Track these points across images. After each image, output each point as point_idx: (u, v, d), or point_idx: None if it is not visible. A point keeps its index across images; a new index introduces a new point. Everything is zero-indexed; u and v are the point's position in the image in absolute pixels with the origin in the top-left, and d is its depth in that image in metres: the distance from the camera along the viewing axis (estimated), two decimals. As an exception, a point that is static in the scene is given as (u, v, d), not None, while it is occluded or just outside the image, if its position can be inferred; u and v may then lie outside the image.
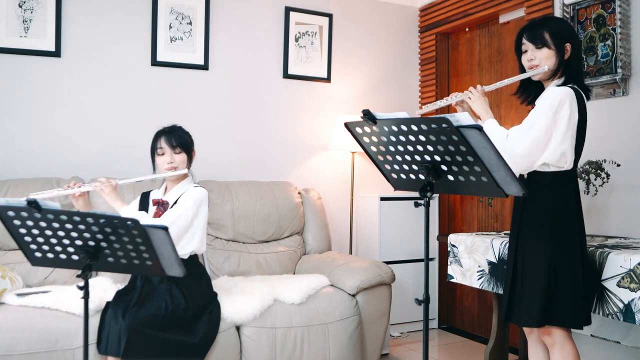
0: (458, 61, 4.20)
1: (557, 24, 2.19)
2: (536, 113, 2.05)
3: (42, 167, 3.20)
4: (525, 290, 2.09)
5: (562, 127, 2.02)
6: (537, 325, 2.06)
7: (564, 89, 2.05)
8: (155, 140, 2.58)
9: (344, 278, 2.98)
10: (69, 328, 2.35)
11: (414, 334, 3.92)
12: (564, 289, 2.04)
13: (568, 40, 2.12)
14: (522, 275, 2.11)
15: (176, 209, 2.47)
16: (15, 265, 2.77)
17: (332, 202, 4.00)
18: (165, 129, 2.60)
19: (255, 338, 2.64)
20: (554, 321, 2.05)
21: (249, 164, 3.76)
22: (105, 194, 2.42)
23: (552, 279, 2.03)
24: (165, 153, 2.54)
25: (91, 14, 3.35)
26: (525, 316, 2.09)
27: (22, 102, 3.19)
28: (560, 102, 2.01)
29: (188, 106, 3.59)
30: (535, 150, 2.02)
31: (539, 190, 2.08)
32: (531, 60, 2.14)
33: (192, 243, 2.50)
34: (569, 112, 2.02)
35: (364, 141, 1.91)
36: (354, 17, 4.14)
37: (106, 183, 2.43)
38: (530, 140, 2.02)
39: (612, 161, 2.83)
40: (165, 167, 2.54)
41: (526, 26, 2.19)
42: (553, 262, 2.04)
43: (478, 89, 2.21)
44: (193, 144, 2.64)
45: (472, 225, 4.05)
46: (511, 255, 2.18)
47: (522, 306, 2.09)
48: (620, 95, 2.96)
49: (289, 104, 3.91)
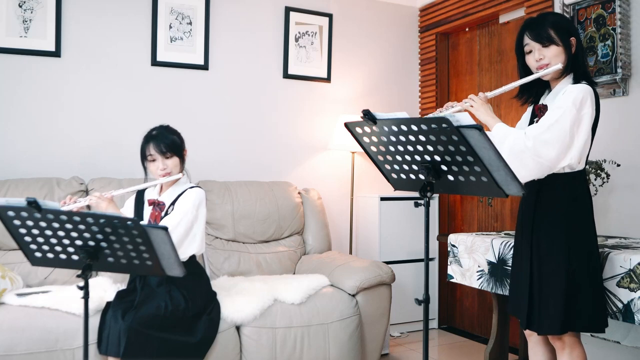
0: (458, 61, 4.20)
1: (559, 18, 2.12)
2: (559, 111, 1.94)
3: (42, 167, 3.20)
4: (544, 297, 2.00)
5: (586, 126, 1.95)
6: (561, 332, 1.98)
7: (584, 86, 1.97)
8: (143, 146, 2.52)
9: (344, 278, 2.98)
10: (69, 328, 2.35)
11: (414, 334, 3.92)
12: (585, 292, 1.97)
13: (572, 33, 2.06)
14: (539, 280, 2.02)
15: (176, 214, 2.45)
16: (15, 265, 2.77)
17: (332, 202, 4.00)
18: (152, 133, 2.52)
19: (255, 338, 2.64)
20: (577, 327, 1.98)
21: (249, 164, 3.76)
22: (102, 208, 2.37)
23: (572, 284, 1.96)
24: (156, 159, 2.49)
25: (91, 13, 3.35)
26: (548, 325, 1.99)
27: (22, 102, 3.19)
28: (583, 99, 1.94)
29: (188, 106, 3.59)
30: (562, 149, 1.92)
31: (551, 192, 2.02)
32: (540, 60, 2.04)
33: (192, 246, 2.49)
34: (590, 110, 1.95)
35: (364, 141, 1.91)
36: (353, 17, 4.14)
37: (101, 198, 2.37)
38: (556, 139, 1.91)
39: (612, 161, 2.83)
40: (158, 174, 2.50)
41: (526, 25, 2.09)
42: (572, 265, 1.97)
43: (480, 96, 2.08)
44: (183, 143, 2.58)
45: (472, 225, 4.05)
46: (524, 260, 2.09)
47: (542, 313, 2.00)
48: (620, 95, 2.96)
49: (289, 104, 3.91)
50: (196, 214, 2.49)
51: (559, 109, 1.95)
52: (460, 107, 2.07)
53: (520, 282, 2.12)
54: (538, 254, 2.04)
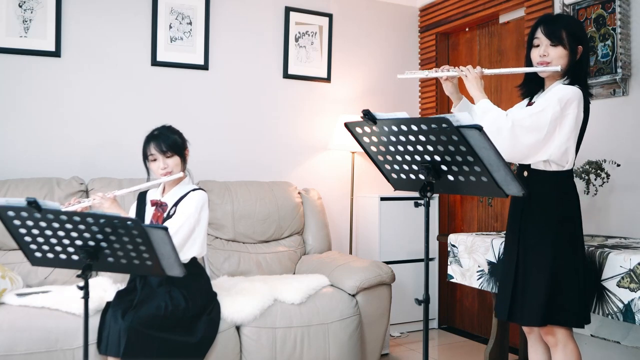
0: (458, 61, 4.20)
1: (575, 24, 2.16)
2: (543, 104, 2.00)
3: (42, 167, 3.20)
4: (528, 290, 2.07)
5: (569, 125, 1.99)
6: (541, 324, 2.04)
7: (574, 88, 2.02)
8: (145, 146, 2.53)
9: (344, 278, 2.98)
10: (69, 328, 2.35)
11: (414, 334, 3.92)
12: (569, 288, 2.03)
13: (581, 42, 2.10)
14: (524, 274, 2.09)
15: (178, 217, 2.45)
16: (15, 265, 2.77)
17: (332, 202, 4.00)
18: (154, 133, 2.54)
19: (255, 338, 2.64)
20: (558, 321, 2.03)
21: (249, 164, 3.76)
22: (106, 207, 2.39)
23: (555, 279, 2.02)
24: (157, 159, 2.50)
25: (91, 13, 3.35)
26: (528, 315, 2.06)
27: (22, 102, 3.19)
28: (570, 100, 1.99)
29: (188, 106, 3.59)
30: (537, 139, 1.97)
31: (540, 189, 2.07)
32: (544, 56, 2.08)
33: (193, 249, 2.49)
34: (576, 111, 2.00)
35: (364, 141, 1.91)
36: (353, 17, 4.14)
37: (104, 197, 2.39)
38: (533, 128, 1.96)
39: (612, 161, 2.83)
40: (159, 173, 2.51)
41: (544, 20, 2.12)
42: (557, 261, 2.02)
43: (477, 69, 2.13)
44: (185, 143, 2.59)
45: (472, 225, 4.05)
46: (512, 255, 2.16)
47: (524, 305, 2.07)
48: (620, 95, 2.96)
49: (289, 104, 3.91)
50: (198, 217, 2.49)
51: (544, 101, 2.01)
52: (456, 73, 2.15)
53: (506, 276, 2.18)
54: (524, 249, 2.10)
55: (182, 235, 2.41)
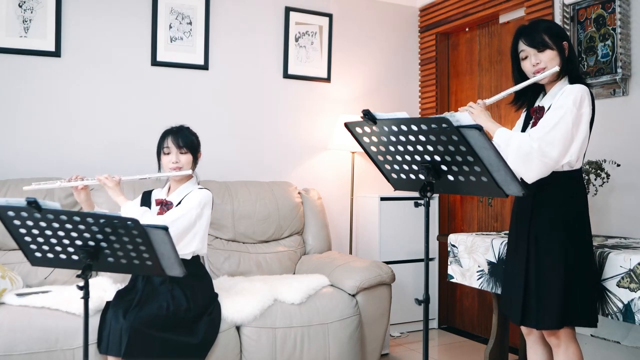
0: (458, 61, 4.20)
1: (551, 24, 2.18)
2: (560, 111, 1.99)
3: (42, 167, 3.20)
4: (542, 293, 2.04)
5: (584, 124, 2.00)
6: (559, 327, 2.02)
7: (582, 86, 2.03)
8: (162, 139, 2.59)
9: (344, 278, 2.98)
10: (69, 328, 2.35)
11: (414, 334, 3.92)
12: (582, 288, 2.02)
13: (564, 38, 2.12)
14: (537, 277, 2.05)
15: (180, 208, 2.47)
16: (15, 265, 2.77)
17: (332, 202, 4.00)
18: (173, 129, 2.60)
19: (255, 338, 2.64)
20: (573, 322, 2.03)
21: (249, 164, 3.76)
22: (109, 187, 2.45)
23: (569, 279, 2.01)
24: (171, 152, 2.55)
25: (91, 14, 3.35)
26: (548, 319, 2.02)
27: (22, 102, 3.19)
28: (582, 99, 1.99)
29: (188, 106, 3.59)
30: (564, 148, 1.98)
31: (548, 190, 2.06)
32: (537, 65, 2.10)
33: (192, 244, 2.49)
34: (588, 110, 2.01)
35: (364, 141, 1.91)
36: (353, 17, 4.14)
37: (109, 178, 2.45)
38: (560, 139, 1.96)
39: (612, 161, 2.83)
40: (170, 167, 2.54)
41: (520, 32, 2.15)
42: (569, 262, 2.01)
43: (479, 103, 2.14)
44: (199, 146, 2.65)
45: (472, 225, 4.05)
46: (520, 256, 2.12)
47: (539, 309, 2.04)
48: (620, 95, 2.96)
49: (289, 104, 3.91)
50: (200, 213, 2.50)
51: (560, 108, 2.00)
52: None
53: (515, 279, 2.14)
54: (536, 251, 2.07)
55: (179, 225, 2.42)
